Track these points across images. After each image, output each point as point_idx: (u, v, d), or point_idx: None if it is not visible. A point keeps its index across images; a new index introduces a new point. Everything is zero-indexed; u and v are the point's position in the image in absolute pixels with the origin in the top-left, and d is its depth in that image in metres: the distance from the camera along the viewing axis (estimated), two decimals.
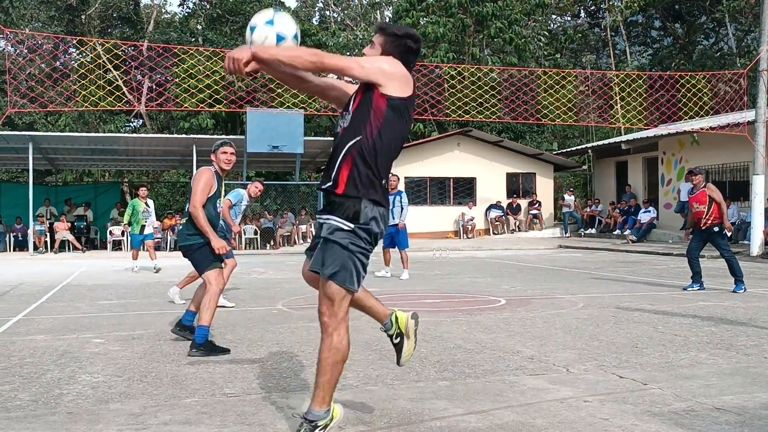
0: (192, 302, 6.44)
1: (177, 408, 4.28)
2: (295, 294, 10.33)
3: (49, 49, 27.49)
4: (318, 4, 46.67)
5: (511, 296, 9.82)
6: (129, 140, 23.71)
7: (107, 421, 4.03)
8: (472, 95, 22.35)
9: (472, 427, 3.88)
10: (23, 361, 5.68)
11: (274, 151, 20.20)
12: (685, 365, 5.31)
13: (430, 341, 6.35)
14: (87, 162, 27.47)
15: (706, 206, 10.19)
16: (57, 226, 22.66)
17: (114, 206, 26.12)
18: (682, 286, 10.67)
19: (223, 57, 23.68)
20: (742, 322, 7.34)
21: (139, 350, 6.07)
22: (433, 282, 12.22)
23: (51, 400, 4.50)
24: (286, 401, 4.40)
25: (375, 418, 4.05)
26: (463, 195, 27.70)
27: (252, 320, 7.76)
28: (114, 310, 8.79)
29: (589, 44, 42.26)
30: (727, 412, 4.09)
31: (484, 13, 31.71)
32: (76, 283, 12.54)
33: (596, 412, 4.11)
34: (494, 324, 7.34)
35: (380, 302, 4.01)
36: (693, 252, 10.38)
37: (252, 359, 5.65)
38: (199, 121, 32.37)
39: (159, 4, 43.07)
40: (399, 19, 33.32)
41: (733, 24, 37.97)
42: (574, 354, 5.73)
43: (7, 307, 9.08)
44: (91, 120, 35.15)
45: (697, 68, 33.23)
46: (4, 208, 24.74)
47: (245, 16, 39.90)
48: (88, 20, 39.40)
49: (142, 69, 28.05)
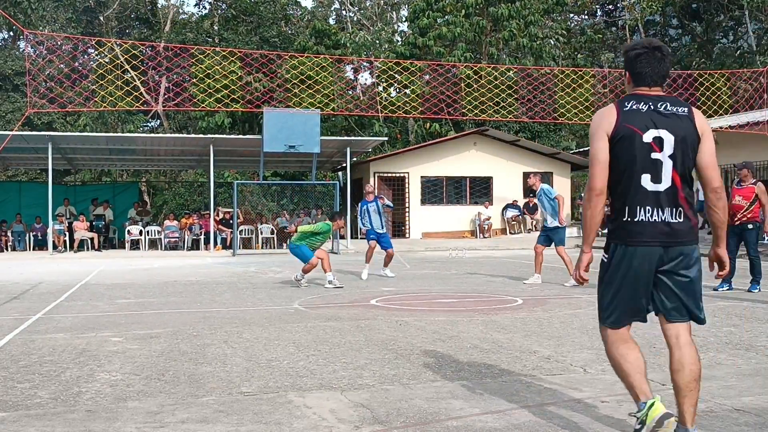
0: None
1: (194, 406, 4.30)
2: (311, 293, 10.36)
3: (68, 50, 27.76)
4: (334, 5, 46.73)
5: (528, 296, 9.78)
6: (147, 140, 23.85)
7: (125, 419, 4.06)
8: (489, 94, 22.30)
9: (488, 427, 3.87)
10: (42, 359, 5.73)
11: (290, 151, 20.22)
12: (704, 366, 5.23)
13: (447, 341, 6.34)
14: (105, 162, 27.67)
15: (749, 202, 10.07)
16: (76, 226, 22.85)
17: (132, 206, 26.30)
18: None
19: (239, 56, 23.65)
20: (763, 322, 7.27)
21: (157, 349, 6.11)
22: (449, 281, 12.20)
23: (70, 398, 4.54)
24: (302, 400, 4.41)
25: (391, 417, 4.04)
26: (480, 194, 27.63)
27: (269, 319, 7.79)
28: (132, 308, 8.85)
29: (606, 43, 42.00)
30: (746, 413, 4.05)
31: (500, 15, 31.63)
32: (94, 282, 12.64)
33: (614, 412, 4.09)
34: (511, 324, 7.32)
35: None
36: (732, 252, 10.23)
37: (268, 358, 5.67)
38: (216, 120, 32.54)
39: (176, 4, 43.33)
40: (416, 20, 33.30)
41: (753, 22, 37.59)
42: (592, 354, 5.69)
43: (27, 306, 9.17)
44: (110, 120, 35.42)
45: (717, 67, 32.96)
46: (24, 208, 24.97)
47: (260, 15, 40.06)
48: (106, 21, 39.70)
49: (160, 69, 28.25)
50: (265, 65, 25.35)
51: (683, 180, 3.39)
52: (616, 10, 42.13)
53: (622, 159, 3.38)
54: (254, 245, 23.77)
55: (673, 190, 3.37)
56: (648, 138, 3.35)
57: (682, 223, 3.39)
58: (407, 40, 33.40)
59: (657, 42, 3.50)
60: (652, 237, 3.37)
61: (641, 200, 3.38)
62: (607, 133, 3.38)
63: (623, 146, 3.37)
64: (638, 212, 3.39)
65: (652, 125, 3.36)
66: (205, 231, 23.09)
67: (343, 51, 33.91)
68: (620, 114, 3.39)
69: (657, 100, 3.42)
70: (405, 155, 27.25)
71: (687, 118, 3.40)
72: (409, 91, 30.32)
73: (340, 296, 10.00)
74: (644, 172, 3.36)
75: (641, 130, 3.35)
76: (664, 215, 3.37)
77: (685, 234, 3.39)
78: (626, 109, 3.40)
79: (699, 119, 3.43)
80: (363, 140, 24.36)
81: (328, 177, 32.23)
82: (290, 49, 35.21)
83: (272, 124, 19.89)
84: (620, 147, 3.37)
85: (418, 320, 7.59)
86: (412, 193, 26.92)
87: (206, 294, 10.44)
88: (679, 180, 3.38)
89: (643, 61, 3.45)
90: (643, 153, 3.35)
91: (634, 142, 3.35)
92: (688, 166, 3.40)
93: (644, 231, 3.38)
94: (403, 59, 27.65)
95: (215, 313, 8.34)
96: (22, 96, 33.29)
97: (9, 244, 23.04)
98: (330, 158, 26.50)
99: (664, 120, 3.37)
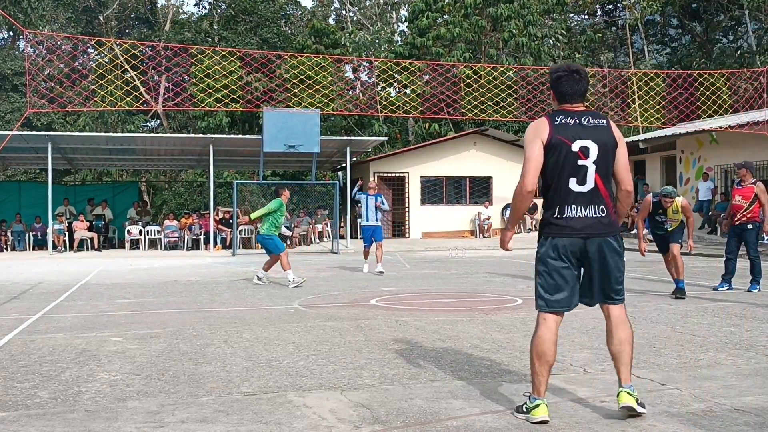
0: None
1: (194, 406, 4.30)
2: (311, 293, 10.36)
3: (68, 50, 27.75)
4: (334, 4, 46.72)
5: (528, 296, 9.78)
6: (146, 140, 23.85)
7: (125, 418, 4.06)
8: (489, 94, 22.29)
9: (488, 426, 3.87)
10: (42, 359, 5.74)
11: (290, 151, 20.22)
12: (704, 366, 5.27)
13: (446, 341, 6.34)
14: (105, 162, 27.68)
15: (748, 202, 10.06)
16: (76, 226, 22.85)
17: (132, 205, 26.30)
18: (700, 285, 10.59)
19: (238, 56, 23.69)
20: (763, 322, 7.27)
21: (156, 348, 6.11)
22: (449, 281, 12.20)
23: (70, 397, 4.54)
24: (302, 400, 4.41)
25: (391, 417, 4.05)
26: (480, 194, 27.63)
27: (268, 319, 7.79)
28: (132, 308, 8.85)
29: (606, 42, 41.98)
30: (746, 413, 4.05)
31: (499, 15, 31.62)
32: (94, 281, 12.64)
33: (613, 412, 4.09)
34: (511, 324, 7.32)
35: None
36: (732, 253, 10.25)
37: (268, 358, 5.67)
38: (216, 120, 32.55)
39: (175, 4, 43.32)
40: (415, 20, 33.30)
41: (753, 22, 37.58)
42: (592, 354, 5.70)
43: (27, 306, 9.17)
44: (110, 120, 35.42)
45: (717, 66, 32.95)
46: (24, 208, 24.97)
47: (259, 15, 40.05)
48: (106, 21, 39.70)
49: (159, 69, 28.24)
50: (264, 65, 25.36)
51: (605, 181, 3.96)
52: (616, 9, 42.11)
53: (553, 165, 3.91)
54: (254, 245, 23.76)
55: (595, 191, 3.93)
56: (576, 147, 3.89)
57: (603, 217, 3.95)
58: (406, 41, 33.40)
59: (576, 66, 4.09)
60: (576, 230, 3.92)
61: (569, 200, 3.92)
62: (542, 140, 3.91)
63: (555, 154, 3.90)
64: (566, 210, 3.93)
65: (579, 136, 3.90)
66: (204, 231, 23.10)
67: (343, 51, 33.91)
68: (552, 127, 3.92)
69: (581, 115, 3.98)
70: (405, 155, 27.25)
71: (606, 129, 3.98)
72: (409, 91, 30.32)
73: (340, 296, 10.01)
74: (571, 176, 3.91)
75: (570, 141, 3.89)
76: (587, 212, 3.93)
77: (604, 227, 3.94)
78: (557, 123, 3.93)
79: (615, 129, 4.03)
80: (363, 140, 24.36)
81: (328, 177, 32.23)
82: (289, 49, 35.22)
83: (272, 123, 19.89)
84: (552, 155, 3.91)
85: (418, 320, 7.59)
86: (411, 193, 26.92)
87: (206, 294, 10.44)
88: (601, 181, 3.94)
89: (564, 83, 4.02)
90: (571, 160, 3.90)
91: (563, 151, 3.89)
92: (609, 169, 3.99)
93: (570, 225, 3.93)
94: (402, 59, 27.64)
95: (215, 313, 8.34)
96: (21, 96, 33.29)
97: (9, 243, 23.05)
98: (330, 158, 26.51)
99: (588, 131, 3.93)
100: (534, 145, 3.91)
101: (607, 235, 3.96)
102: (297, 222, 25.21)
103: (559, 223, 3.93)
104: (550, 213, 3.96)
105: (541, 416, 3.86)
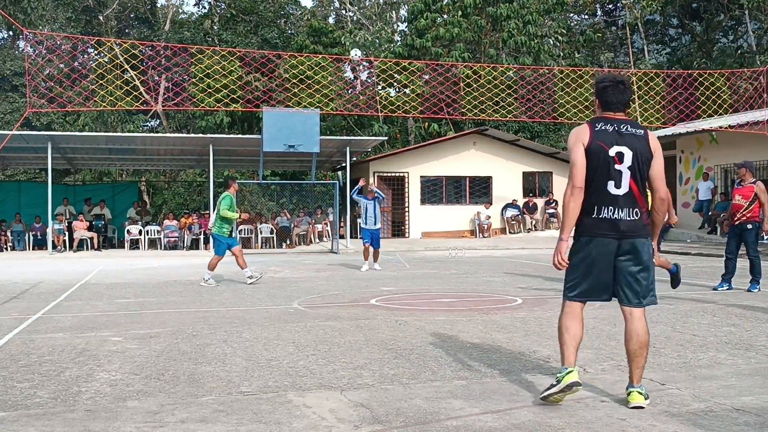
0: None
1: (194, 406, 4.30)
2: (311, 293, 10.36)
3: (68, 50, 27.75)
4: (334, 3, 46.70)
5: (528, 295, 9.78)
6: (146, 140, 23.84)
7: (125, 418, 4.06)
8: (489, 94, 22.30)
9: (488, 426, 3.87)
10: (42, 359, 5.73)
11: (290, 150, 20.21)
12: (704, 365, 5.27)
13: (446, 341, 6.34)
14: (105, 161, 27.66)
15: (748, 201, 10.05)
16: (75, 225, 22.85)
17: (131, 205, 26.30)
18: (700, 285, 10.59)
19: (238, 56, 23.66)
20: (762, 322, 7.27)
21: (156, 348, 6.10)
22: (448, 281, 12.20)
23: (69, 397, 4.54)
24: (302, 400, 4.41)
25: (391, 416, 4.04)
26: (479, 194, 27.63)
27: (268, 319, 7.79)
28: (131, 308, 8.85)
29: (606, 42, 41.97)
30: (746, 413, 4.05)
31: (498, 14, 31.60)
32: (94, 281, 12.64)
33: (613, 412, 4.09)
34: (510, 323, 7.32)
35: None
36: (732, 253, 10.24)
37: (268, 358, 5.67)
38: (216, 120, 32.54)
39: (175, 4, 43.30)
40: (414, 20, 33.28)
41: (753, 21, 37.58)
42: (591, 354, 5.70)
43: (27, 306, 9.17)
44: (110, 120, 35.40)
45: (717, 66, 32.94)
46: (24, 207, 24.96)
47: (259, 15, 40.03)
48: (106, 21, 39.68)
49: (159, 69, 28.25)
50: (264, 65, 25.35)
51: (639, 186, 4.22)
52: (616, 9, 42.10)
53: (593, 169, 4.17)
54: (254, 245, 23.76)
55: (630, 194, 4.19)
56: (612, 152, 4.17)
57: (637, 220, 4.20)
58: (405, 42, 33.38)
59: (621, 77, 4.37)
60: (611, 231, 4.18)
61: (606, 201, 4.18)
62: (584, 144, 4.19)
63: (594, 158, 4.17)
64: (603, 211, 4.19)
65: (616, 143, 4.18)
66: (204, 230, 23.08)
67: (341, 50, 33.89)
68: (593, 132, 4.21)
69: (620, 123, 4.25)
70: (404, 155, 27.25)
71: (643, 138, 4.25)
72: (409, 91, 30.31)
73: (340, 296, 10.01)
74: (609, 179, 4.17)
75: (607, 146, 4.17)
76: (623, 213, 4.18)
77: (638, 229, 4.20)
78: (597, 129, 4.22)
79: (653, 140, 4.30)
80: (362, 140, 24.35)
81: (328, 177, 32.22)
82: (289, 49, 35.20)
83: (272, 123, 19.88)
84: (591, 159, 4.17)
85: (418, 320, 7.59)
86: (411, 193, 26.92)
87: (206, 294, 10.44)
88: (636, 186, 4.20)
89: (609, 92, 4.30)
90: (608, 164, 4.17)
91: (601, 156, 4.16)
92: (644, 176, 4.24)
93: (605, 226, 4.18)
94: (402, 60, 27.63)
95: (215, 313, 8.34)
96: (21, 96, 33.27)
97: (8, 243, 23.04)
98: (329, 158, 26.50)
99: (624, 138, 4.20)
100: (577, 149, 4.20)
101: (640, 236, 4.21)
102: (297, 222, 25.21)
103: (596, 222, 4.19)
104: (588, 213, 4.21)
105: (572, 379, 4.12)
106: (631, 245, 4.19)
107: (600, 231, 4.18)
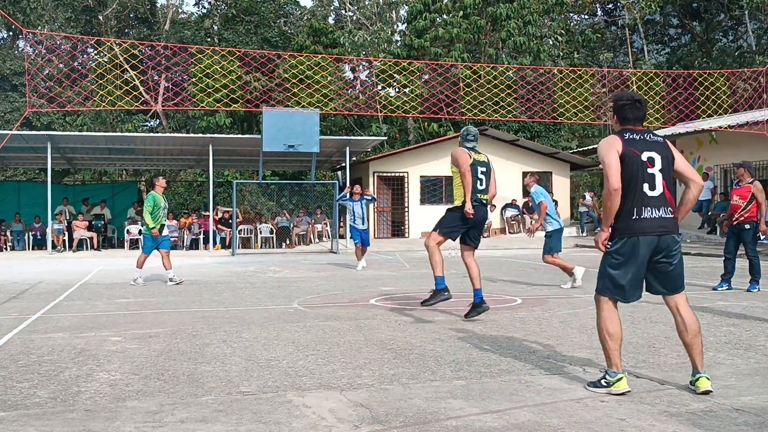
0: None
1: (193, 406, 4.30)
2: (310, 293, 10.36)
3: (68, 50, 27.75)
4: (334, 3, 46.69)
5: (527, 295, 9.78)
6: (146, 140, 23.83)
7: (125, 418, 4.06)
8: (488, 94, 22.30)
9: (487, 426, 3.87)
10: (42, 358, 5.73)
11: (289, 150, 20.21)
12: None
13: (446, 341, 6.34)
14: (104, 161, 27.65)
15: (746, 202, 10.05)
16: (75, 225, 22.84)
17: (131, 205, 26.29)
18: (700, 285, 10.58)
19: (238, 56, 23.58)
20: (762, 322, 7.27)
21: (156, 348, 6.10)
22: (448, 281, 12.15)
23: (69, 397, 4.54)
24: (302, 400, 4.41)
25: (391, 416, 4.04)
26: None
27: (268, 319, 7.79)
28: (131, 308, 8.84)
29: (605, 42, 41.97)
30: (745, 413, 4.05)
31: (498, 15, 31.59)
32: (93, 281, 12.63)
33: (613, 412, 4.09)
34: (510, 323, 7.32)
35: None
36: (731, 253, 10.23)
37: (268, 358, 5.67)
38: (216, 120, 32.53)
39: (175, 3, 43.28)
40: (413, 20, 33.27)
41: (753, 21, 37.59)
42: (591, 354, 5.69)
43: (26, 306, 9.17)
44: (109, 120, 35.39)
45: (717, 66, 32.94)
46: (23, 207, 24.95)
47: (260, 15, 40.02)
48: (105, 21, 39.66)
49: (159, 69, 28.23)
50: (264, 65, 25.35)
51: (669, 187, 4.59)
52: (616, 9, 42.11)
53: (629, 174, 4.49)
54: (253, 245, 23.76)
55: (663, 195, 4.56)
56: (644, 157, 4.52)
57: (671, 218, 4.59)
58: (404, 42, 33.37)
59: (638, 96, 4.72)
60: (652, 229, 4.52)
61: (644, 203, 4.51)
62: (618, 151, 4.50)
63: (629, 164, 4.49)
64: (643, 211, 4.52)
65: (646, 149, 4.54)
66: (204, 230, 23.08)
67: (341, 50, 33.88)
68: (624, 141, 4.54)
69: (644, 133, 4.63)
70: (404, 155, 27.23)
71: (664, 144, 4.66)
72: (408, 91, 30.29)
73: (339, 296, 10.01)
74: (644, 182, 4.51)
75: (639, 152, 4.52)
76: (660, 212, 4.54)
77: (673, 226, 4.60)
78: (627, 138, 4.56)
79: (670, 144, 4.71)
80: (362, 140, 24.34)
81: (328, 176, 32.21)
82: (289, 49, 35.19)
83: (271, 123, 19.87)
84: (626, 165, 4.49)
85: (417, 320, 7.59)
86: (411, 193, 26.90)
87: (205, 294, 10.44)
88: (666, 187, 4.57)
89: (628, 110, 4.64)
90: (643, 169, 4.51)
91: (636, 161, 4.50)
92: (670, 178, 4.62)
93: (647, 225, 4.51)
94: (401, 60, 27.62)
95: (214, 313, 8.34)
96: (20, 96, 33.25)
97: (8, 243, 23.03)
98: (329, 158, 26.49)
99: (651, 145, 4.58)
100: (611, 154, 4.51)
101: (674, 233, 4.61)
102: (297, 222, 25.21)
103: (637, 223, 4.50)
104: (628, 215, 4.51)
105: (623, 388, 4.44)
106: (670, 240, 4.56)
107: (644, 231, 4.49)
